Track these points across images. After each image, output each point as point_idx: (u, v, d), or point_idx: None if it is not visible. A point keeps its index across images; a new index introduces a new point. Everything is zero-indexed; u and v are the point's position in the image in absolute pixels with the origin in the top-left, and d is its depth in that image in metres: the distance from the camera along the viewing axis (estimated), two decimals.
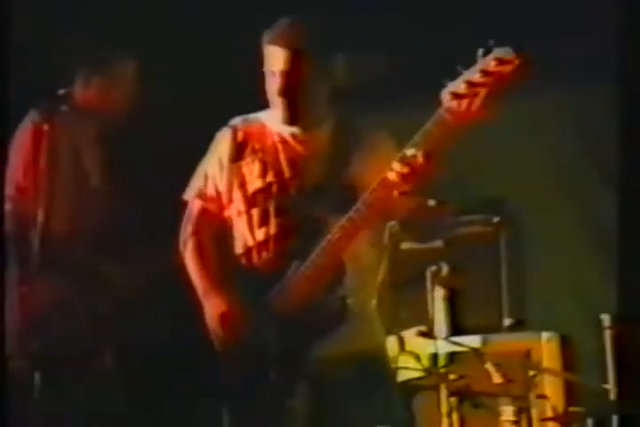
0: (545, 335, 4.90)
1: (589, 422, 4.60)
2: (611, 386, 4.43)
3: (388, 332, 4.66)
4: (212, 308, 5.06)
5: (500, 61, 4.35)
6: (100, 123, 6.47)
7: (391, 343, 4.62)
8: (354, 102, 5.57)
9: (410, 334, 4.47)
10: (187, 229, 5.19)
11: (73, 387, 6.23)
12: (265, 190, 5.10)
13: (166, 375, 6.32)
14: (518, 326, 5.13)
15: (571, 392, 4.84)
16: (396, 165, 4.49)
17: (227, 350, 5.02)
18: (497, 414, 4.42)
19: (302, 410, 4.92)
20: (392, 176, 4.52)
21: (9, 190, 6.08)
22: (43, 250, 5.71)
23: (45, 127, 5.77)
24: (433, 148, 4.47)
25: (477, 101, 4.39)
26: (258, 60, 5.15)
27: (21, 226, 5.97)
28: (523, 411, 4.47)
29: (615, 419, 4.51)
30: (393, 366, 4.62)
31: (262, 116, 5.17)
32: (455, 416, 4.36)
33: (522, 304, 6.02)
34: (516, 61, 4.36)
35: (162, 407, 6.26)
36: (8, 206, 5.96)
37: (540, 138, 7.55)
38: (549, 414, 4.64)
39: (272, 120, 5.04)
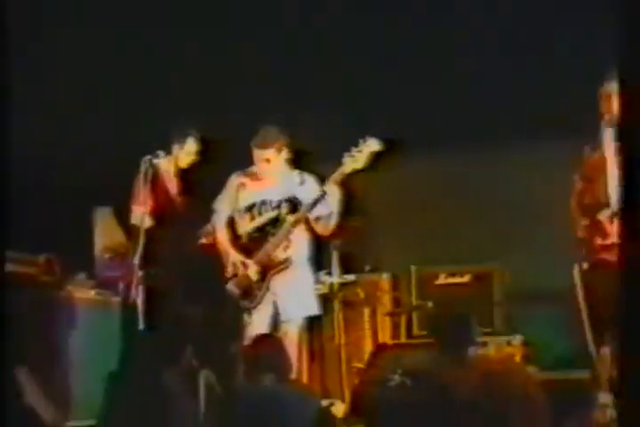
0: (385, 275, 8.41)
1: None
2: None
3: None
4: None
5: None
6: None
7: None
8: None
9: (321, 275, 7.74)
10: None
11: None
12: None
13: None
14: (374, 270, 8.53)
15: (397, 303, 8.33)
16: None
17: None
18: (362, 314, 8.15)
19: None
20: None
21: None
22: None
23: None
24: None
25: None
26: None
27: None
28: (376, 312, 8.14)
29: None
30: None
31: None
32: (341, 315, 7.82)
33: (377, 258, 8.76)
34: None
35: None
36: None
37: None
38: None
39: None
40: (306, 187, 7.06)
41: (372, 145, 6.71)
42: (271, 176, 7.14)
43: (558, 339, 6.68)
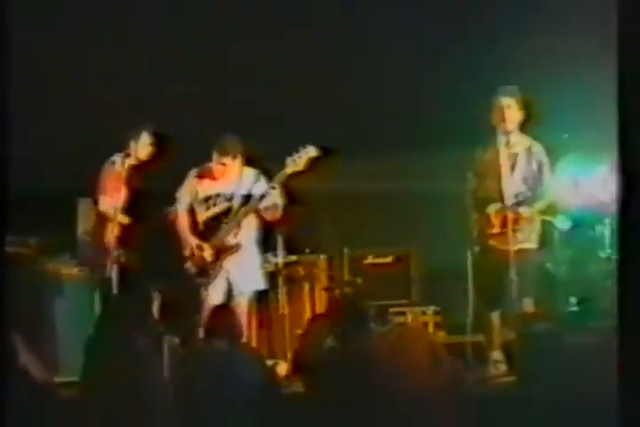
0: (322, 256, 8.55)
1: None
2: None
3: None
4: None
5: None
6: None
7: None
8: None
9: (268, 256, 7.89)
10: None
11: None
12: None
13: None
14: (312, 252, 8.61)
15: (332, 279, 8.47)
16: None
17: None
18: (302, 288, 8.28)
19: None
20: None
21: None
22: None
23: None
24: None
25: None
26: None
27: None
28: (314, 287, 8.31)
29: None
30: None
31: None
32: (284, 289, 7.93)
33: (316, 241, 8.87)
34: None
35: None
36: None
37: None
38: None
39: None
40: (256, 183, 7.12)
41: (310, 151, 6.87)
42: (226, 174, 7.18)
43: (461, 309, 6.85)
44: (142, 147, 7.29)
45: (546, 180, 6.83)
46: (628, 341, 4.37)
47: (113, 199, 7.00)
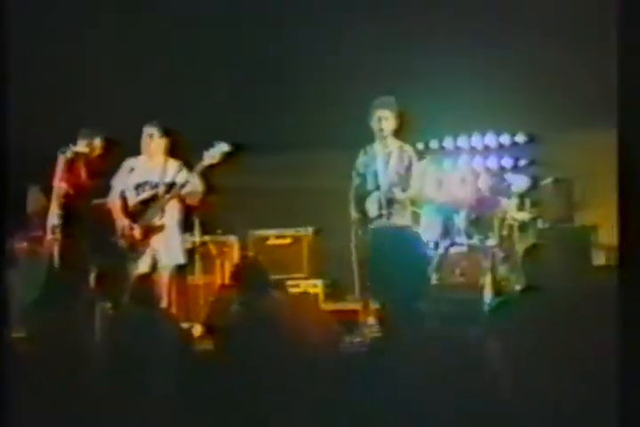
0: (231, 237, 8.66)
1: None
2: None
3: None
4: None
5: None
6: None
7: None
8: None
9: (187, 236, 7.87)
10: None
11: None
12: None
13: None
14: (224, 233, 8.73)
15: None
16: None
17: None
18: (214, 264, 8.29)
19: None
20: None
21: None
22: None
23: None
24: None
25: None
26: None
27: None
28: (224, 263, 8.37)
29: None
30: None
31: None
32: (200, 264, 8.04)
33: (227, 224, 8.98)
34: None
35: None
36: None
37: None
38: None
39: None
40: (179, 173, 7.01)
41: (224, 147, 6.76)
42: (154, 164, 7.08)
43: (347, 280, 6.92)
44: (87, 144, 7.27)
45: (414, 175, 6.81)
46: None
47: (60, 186, 6.94)
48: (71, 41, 7.33)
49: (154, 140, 7.00)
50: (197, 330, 7.00)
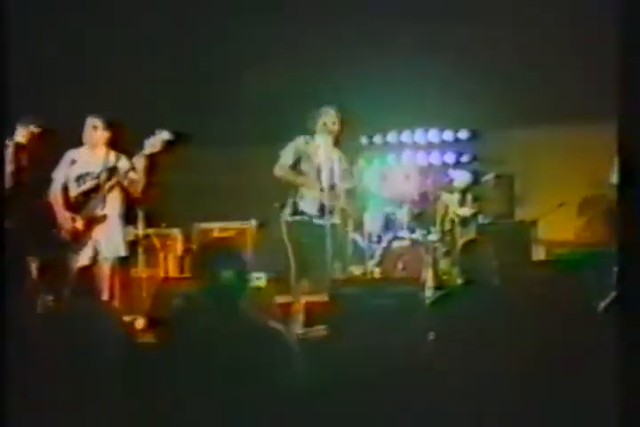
0: (175, 230, 8.66)
1: None
2: None
3: None
4: None
5: None
6: None
7: None
8: None
9: (130, 228, 7.82)
10: None
11: None
12: None
13: None
14: (168, 226, 8.81)
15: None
16: None
17: None
18: (158, 257, 8.30)
19: None
20: None
21: None
22: None
23: None
24: None
25: None
26: None
27: None
28: (167, 256, 8.35)
29: None
30: None
31: None
32: (143, 257, 8.03)
33: (171, 217, 9.06)
34: None
35: None
36: None
37: None
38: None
39: None
40: (119, 162, 6.96)
41: (164, 135, 6.67)
42: (96, 155, 7.02)
43: (285, 275, 6.98)
44: (25, 133, 7.16)
45: (356, 171, 6.95)
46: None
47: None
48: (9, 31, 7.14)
49: (97, 132, 6.95)
50: (140, 323, 6.93)
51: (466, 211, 8.54)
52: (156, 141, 6.67)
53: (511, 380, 3.93)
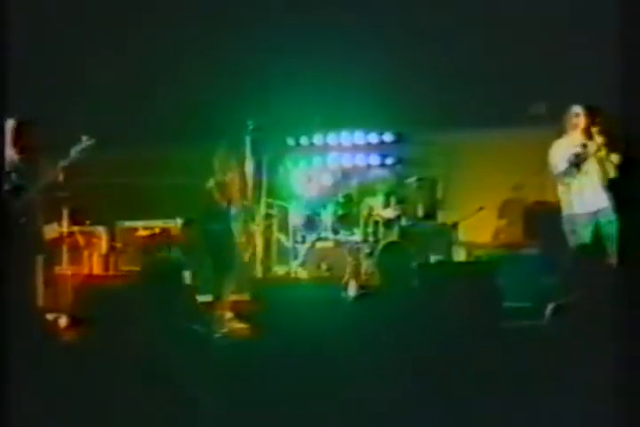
0: (100, 228, 8.64)
1: None
2: None
3: None
4: None
5: None
6: None
7: None
8: None
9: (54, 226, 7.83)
10: None
11: None
12: None
13: None
14: (92, 224, 8.75)
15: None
16: None
17: None
18: (82, 254, 8.28)
19: None
20: None
21: None
22: None
23: None
24: None
25: None
26: None
27: None
28: (92, 254, 8.32)
29: None
30: None
31: None
32: (68, 255, 8.03)
33: (95, 215, 8.90)
34: None
35: None
36: None
37: None
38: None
39: None
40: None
41: (88, 141, 6.49)
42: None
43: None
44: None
45: (282, 172, 7.00)
46: None
47: None
48: None
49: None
50: (64, 321, 6.92)
51: (389, 213, 8.65)
52: (81, 148, 6.48)
53: (422, 378, 4.03)
